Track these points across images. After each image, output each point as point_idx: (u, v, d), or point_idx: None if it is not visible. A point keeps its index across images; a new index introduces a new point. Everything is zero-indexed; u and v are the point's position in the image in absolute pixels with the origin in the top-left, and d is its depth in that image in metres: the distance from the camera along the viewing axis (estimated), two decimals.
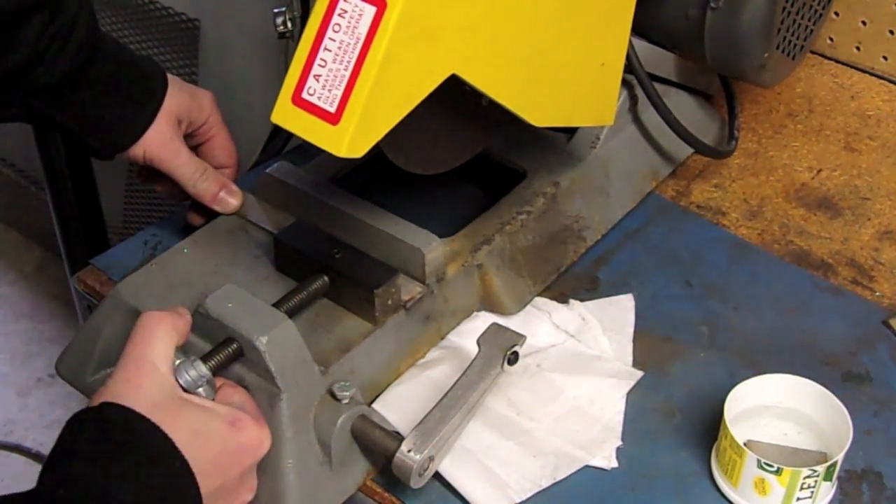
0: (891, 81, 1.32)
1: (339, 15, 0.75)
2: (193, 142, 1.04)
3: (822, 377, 0.90)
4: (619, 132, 1.10)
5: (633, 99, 1.12)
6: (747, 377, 0.89)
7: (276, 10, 1.25)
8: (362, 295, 0.90)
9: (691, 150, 1.18)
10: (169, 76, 1.01)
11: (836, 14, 1.33)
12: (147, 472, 0.69)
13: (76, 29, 0.92)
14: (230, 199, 1.01)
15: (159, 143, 0.99)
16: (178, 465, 0.71)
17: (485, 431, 0.90)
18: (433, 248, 0.94)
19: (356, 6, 0.74)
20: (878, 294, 1.05)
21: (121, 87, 0.97)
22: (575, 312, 1.01)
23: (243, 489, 0.78)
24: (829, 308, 1.03)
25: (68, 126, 0.97)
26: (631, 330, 1.00)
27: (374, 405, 0.91)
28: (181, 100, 1.00)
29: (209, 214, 1.02)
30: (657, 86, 1.07)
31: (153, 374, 0.75)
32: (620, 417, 0.92)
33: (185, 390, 0.77)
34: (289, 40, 1.27)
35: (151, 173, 1.03)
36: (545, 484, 0.87)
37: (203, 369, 0.78)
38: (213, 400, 0.79)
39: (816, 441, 0.89)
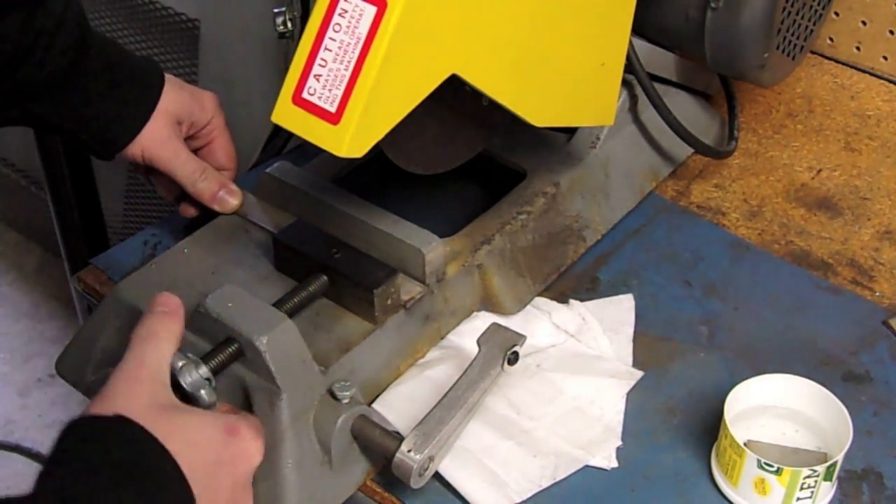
0: (891, 81, 1.32)
1: (340, 15, 0.75)
2: (195, 144, 1.04)
3: (822, 377, 0.90)
4: (619, 132, 1.10)
5: (633, 99, 1.12)
6: (747, 377, 0.89)
7: (276, 10, 1.25)
8: (362, 295, 0.90)
9: (691, 150, 1.18)
10: (170, 77, 1.00)
11: (836, 14, 1.33)
12: (142, 484, 0.68)
13: (63, 26, 0.92)
14: (230, 199, 1.01)
15: (158, 143, 0.99)
16: (173, 475, 0.70)
17: (485, 431, 0.90)
18: (433, 248, 0.94)
19: (357, 6, 0.74)
20: (878, 294, 1.05)
21: (115, 85, 0.97)
22: (575, 312, 1.01)
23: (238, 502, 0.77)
24: (829, 308, 1.03)
25: (65, 126, 0.97)
26: (631, 330, 1.00)
27: (374, 405, 0.91)
28: (181, 99, 1.00)
29: (204, 208, 1.02)
30: (657, 86, 1.07)
31: (152, 381, 0.75)
32: (620, 417, 0.92)
33: (185, 393, 0.77)
34: (289, 40, 1.27)
35: (150, 168, 1.03)
36: (545, 484, 0.87)
37: (205, 370, 0.78)
38: (214, 401, 0.79)
39: (816, 441, 0.89)
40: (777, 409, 0.90)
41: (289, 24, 1.26)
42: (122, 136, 0.98)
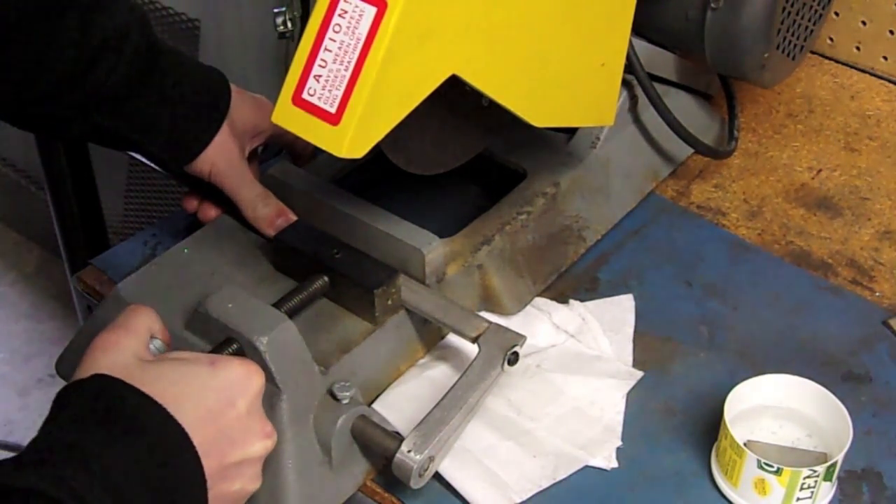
0: (891, 81, 1.32)
1: (340, 15, 0.75)
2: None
3: (822, 377, 0.90)
4: (619, 132, 1.10)
5: (633, 99, 1.12)
6: (747, 377, 0.89)
7: (276, 10, 1.26)
8: (362, 295, 0.90)
9: (691, 150, 1.18)
10: (233, 87, 0.98)
11: (836, 14, 1.33)
12: (132, 435, 0.68)
13: (130, 34, 0.90)
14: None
15: (227, 161, 0.97)
16: (162, 418, 0.70)
17: (485, 431, 0.90)
18: (433, 248, 0.94)
19: (356, 6, 0.74)
20: (878, 294, 1.05)
21: (185, 94, 0.95)
22: (575, 312, 1.01)
23: (250, 435, 0.75)
24: (829, 308, 1.03)
25: (133, 138, 0.95)
26: (631, 330, 1.00)
27: (374, 405, 0.91)
28: (246, 109, 0.98)
29: (226, 206, 1.01)
30: (657, 86, 1.07)
31: (127, 340, 0.75)
32: (620, 417, 0.92)
33: None
34: (289, 40, 1.28)
35: (194, 188, 1.01)
36: (545, 484, 0.87)
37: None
38: None
39: (816, 441, 0.89)
40: (777, 409, 0.90)
41: (289, 24, 1.26)
42: (192, 147, 0.96)
